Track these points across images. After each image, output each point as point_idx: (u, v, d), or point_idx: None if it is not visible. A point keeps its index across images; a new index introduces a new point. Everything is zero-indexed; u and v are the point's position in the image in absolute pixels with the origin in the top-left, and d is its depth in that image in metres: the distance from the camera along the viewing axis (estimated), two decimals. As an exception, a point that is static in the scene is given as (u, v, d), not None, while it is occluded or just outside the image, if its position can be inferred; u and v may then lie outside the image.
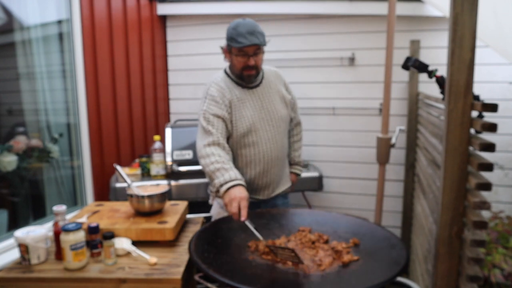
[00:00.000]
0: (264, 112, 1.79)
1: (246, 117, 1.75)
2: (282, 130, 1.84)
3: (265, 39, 1.68)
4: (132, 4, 2.81)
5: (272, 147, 1.79)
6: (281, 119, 1.83)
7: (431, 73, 1.81)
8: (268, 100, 1.81)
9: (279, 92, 1.86)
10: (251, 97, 1.78)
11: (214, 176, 1.56)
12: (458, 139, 1.03)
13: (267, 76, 1.86)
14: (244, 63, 1.69)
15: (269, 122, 1.79)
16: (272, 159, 1.80)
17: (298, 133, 2.11)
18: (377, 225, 1.60)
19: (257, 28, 1.66)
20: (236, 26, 1.66)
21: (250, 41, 1.62)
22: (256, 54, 1.69)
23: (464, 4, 0.98)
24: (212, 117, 1.69)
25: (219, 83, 1.78)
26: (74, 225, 1.33)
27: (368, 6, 2.82)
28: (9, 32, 2.08)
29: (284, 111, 1.85)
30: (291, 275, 1.21)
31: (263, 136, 1.77)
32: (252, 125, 1.75)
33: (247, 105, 1.76)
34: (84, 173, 2.40)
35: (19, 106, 2.18)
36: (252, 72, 1.72)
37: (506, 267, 2.02)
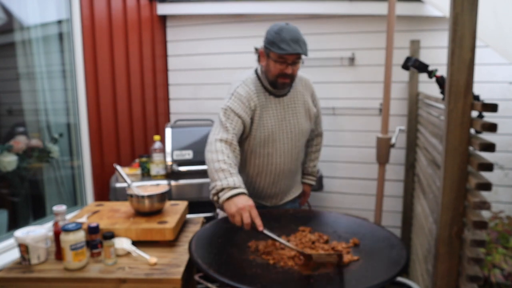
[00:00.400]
0: (286, 123, 1.71)
1: (266, 126, 1.67)
2: (301, 144, 1.78)
3: (307, 49, 1.60)
4: (132, 4, 2.81)
5: (285, 160, 1.73)
6: (302, 133, 1.76)
7: (431, 73, 1.81)
8: (292, 111, 1.73)
9: (305, 104, 1.77)
10: (275, 106, 1.70)
11: (216, 175, 1.44)
12: (458, 139, 1.03)
13: (295, 85, 1.77)
14: (281, 71, 1.60)
15: (288, 135, 1.72)
16: (284, 172, 1.76)
17: (318, 143, 2.03)
18: (377, 225, 1.60)
19: (301, 36, 1.59)
20: (280, 30, 1.57)
21: (294, 49, 1.54)
22: (295, 63, 1.60)
23: (464, 4, 0.98)
24: (233, 114, 1.60)
25: (249, 84, 1.69)
26: (74, 225, 1.33)
27: (368, 6, 2.82)
28: (9, 32, 2.08)
29: (306, 125, 1.78)
30: (291, 275, 1.21)
31: (279, 148, 1.71)
32: (270, 136, 1.68)
33: (269, 114, 1.68)
34: (84, 173, 2.40)
35: (19, 106, 2.18)
36: (287, 81, 1.64)
37: (506, 267, 2.02)
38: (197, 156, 2.50)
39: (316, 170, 2.06)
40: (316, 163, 2.05)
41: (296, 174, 1.88)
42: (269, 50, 1.60)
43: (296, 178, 1.90)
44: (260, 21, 3.12)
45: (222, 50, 3.22)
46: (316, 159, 2.05)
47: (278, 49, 1.55)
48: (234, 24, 3.17)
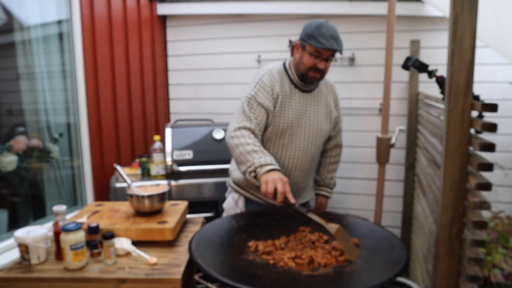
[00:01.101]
0: (306, 119, 1.73)
1: (286, 116, 1.70)
2: (317, 143, 1.78)
3: (343, 48, 1.65)
4: (132, 4, 2.81)
5: (300, 156, 1.74)
6: (320, 133, 1.77)
7: (431, 73, 1.81)
8: (314, 109, 1.75)
9: (328, 105, 1.80)
10: (299, 100, 1.73)
11: (250, 156, 1.50)
12: (458, 139, 1.03)
13: (321, 87, 1.81)
14: (315, 64, 1.64)
15: (306, 131, 1.73)
16: (296, 168, 1.75)
17: (337, 155, 2.00)
18: (377, 225, 1.60)
19: (338, 35, 1.64)
20: (320, 26, 1.61)
21: (331, 45, 1.59)
22: (329, 59, 1.65)
23: (464, 4, 0.98)
24: (256, 104, 1.64)
25: (274, 74, 1.72)
26: (74, 225, 1.33)
27: (368, 6, 2.82)
28: (9, 32, 2.08)
29: (326, 126, 1.79)
30: (291, 275, 1.21)
31: (296, 142, 1.73)
32: (289, 127, 1.70)
33: (292, 106, 1.71)
34: (84, 173, 2.40)
35: (19, 106, 2.18)
36: (318, 75, 1.67)
37: (506, 267, 2.02)
38: (197, 156, 2.50)
39: (333, 182, 2.03)
40: (334, 175, 2.02)
41: (309, 177, 1.86)
42: (306, 42, 1.63)
43: (308, 181, 1.88)
44: (260, 21, 3.12)
45: (222, 50, 3.22)
46: (334, 171, 2.01)
47: (316, 42, 1.60)
48: (234, 24, 3.17)
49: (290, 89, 1.72)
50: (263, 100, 1.64)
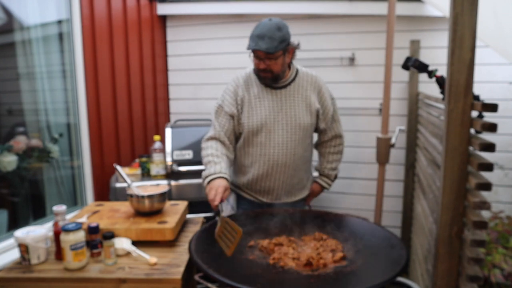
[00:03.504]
0: (282, 115, 1.73)
1: (259, 115, 1.72)
2: (298, 138, 1.77)
3: (278, 46, 1.59)
4: (132, 4, 2.81)
5: (280, 152, 1.74)
6: (299, 127, 1.76)
7: (431, 73, 1.81)
8: (290, 104, 1.75)
9: (307, 98, 1.78)
10: (272, 97, 1.74)
11: (205, 168, 1.65)
12: (458, 139, 1.03)
13: (299, 80, 1.79)
14: (257, 65, 1.66)
15: (284, 127, 1.74)
16: (279, 165, 1.75)
17: (336, 145, 1.97)
18: (377, 225, 1.60)
19: (271, 32, 1.58)
20: (256, 26, 1.63)
21: (256, 45, 1.59)
22: (269, 58, 1.62)
23: (464, 4, 0.98)
24: (223, 113, 1.75)
25: (239, 79, 1.79)
26: (74, 225, 1.33)
27: (368, 6, 2.82)
28: (9, 32, 2.08)
29: (306, 119, 1.77)
30: (291, 275, 1.21)
31: (274, 139, 1.73)
32: (264, 125, 1.72)
33: (264, 104, 1.73)
34: (84, 173, 2.40)
35: (19, 106, 2.18)
36: (267, 75, 1.67)
37: (506, 267, 2.02)
38: (197, 156, 2.49)
39: (334, 174, 2.00)
40: (335, 166, 1.99)
41: (297, 174, 1.84)
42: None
43: (299, 178, 1.87)
44: (260, 21, 3.11)
45: (222, 50, 3.22)
46: (335, 162, 1.99)
47: (248, 45, 1.63)
48: (234, 24, 3.17)
49: (259, 89, 1.74)
50: (228, 107, 1.74)
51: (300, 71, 1.81)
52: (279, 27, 1.60)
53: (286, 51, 1.66)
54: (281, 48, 1.61)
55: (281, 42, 1.60)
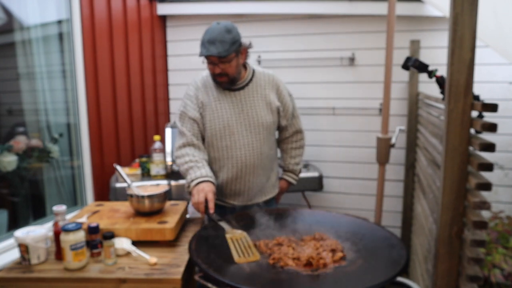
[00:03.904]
0: (244, 116, 1.74)
1: (221, 118, 1.72)
2: (263, 138, 1.78)
3: (229, 49, 1.59)
4: (132, 4, 2.81)
5: (247, 153, 1.75)
6: (262, 126, 1.77)
7: (431, 73, 1.81)
8: (250, 104, 1.75)
9: (266, 97, 1.78)
10: (232, 100, 1.74)
11: (187, 173, 1.65)
12: (458, 139, 1.03)
13: (256, 80, 1.79)
14: (212, 70, 1.67)
15: (247, 127, 1.74)
16: (247, 166, 1.76)
17: (298, 140, 2.00)
18: (377, 225, 1.60)
19: (221, 35, 1.58)
20: (205, 32, 1.62)
21: (207, 51, 1.58)
22: (223, 62, 1.62)
23: (464, 4, 0.98)
24: (187, 118, 1.74)
25: (198, 82, 1.78)
26: (74, 225, 1.33)
27: (368, 6, 2.82)
28: (9, 32, 2.08)
29: (268, 118, 1.78)
30: (291, 275, 1.21)
31: (238, 141, 1.74)
32: (227, 128, 1.72)
33: (224, 107, 1.73)
34: (84, 173, 2.40)
35: (19, 106, 2.18)
36: (223, 79, 1.68)
37: (506, 267, 2.02)
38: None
39: (299, 168, 2.02)
40: (298, 160, 2.00)
41: (266, 174, 1.85)
42: None
43: (268, 177, 1.87)
44: (260, 21, 3.12)
45: (222, 50, 3.21)
46: (298, 157, 2.00)
47: (200, 52, 1.63)
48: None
49: (218, 92, 1.74)
50: (191, 113, 1.74)
51: (257, 71, 1.82)
52: (228, 30, 1.60)
53: (239, 52, 1.66)
54: (233, 50, 1.61)
55: (232, 44, 1.60)
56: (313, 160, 3.13)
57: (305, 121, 3.14)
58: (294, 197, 3.11)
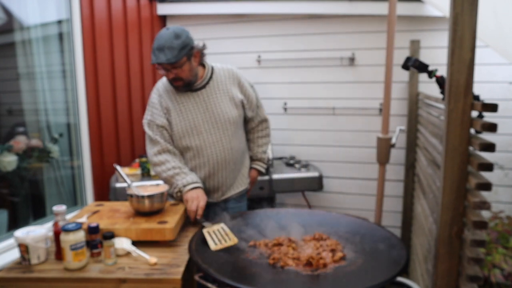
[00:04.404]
0: (209, 114, 1.75)
1: (187, 120, 1.74)
2: (231, 133, 1.79)
3: (179, 54, 1.59)
4: (132, 4, 2.81)
5: (218, 150, 1.76)
6: (229, 121, 1.77)
7: (431, 73, 1.81)
8: (214, 102, 1.76)
9: (229, 92, 1.79)
10: (195, 100, 1.75)
11: (174, 180, 1.69)
12: (458, 139, 1.03)
13: (216, 77, 1.80)
14: (166, 76, 1.68)
15: (214, 125, 1.75)
16: (219, 162, 1.78)
17: (264, 129, 2.01)
18: (377, 225, 1.60)
19: (169, 42, 1.58)
20: (155, 39, 1.62)
21: (157, 59, 1.59)
22: (174, 67, 1.62)
23: (464, 4, 0.98)
24: (155, 126, 1.75)
25: (159, 88, 1.80)
26: (74, 225, 1.33)
27: (368, 6, 2.82)
28: (9, 32, 2.08)
29: (233, 113, 1.79)
30: (291, 275, 1.21)
31: (208, 140, 1.75)
32: (194, 129, 1.74)
33: (189, 108, 1.74)
34: (84, 173, 2.40)
35: (19, 106, 2.18)
36: (179, 83, 1.69)
37: (506, 267, 2.02)
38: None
39: (266, 157, 2.03)
40: (265, 149, 2.02)
41: (237, 167, 1.87)
42: None
43: (240, 171, 1.90)
44: (260, 21, 3.12)
45: (223, 50, 3.22)
46: (264, 145, 2.02)
47: (151, 59, 1.63)
48: (234, 24, 3.17)
49: (181, 94, 1.76)
50: (158, 120, 1.75)
51: (216, 68, 1.83)
52: (176, 35, 1.60)
53: (191, 56, 1.66)
54: (183, 55, 1.60)
55: (182, 49, 1.60)
56: (313, 160, 3.13)
57: (305, 121, 3.16)
58: (294, 197, 3.11)
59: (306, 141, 3.18)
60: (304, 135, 3.17)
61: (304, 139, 3.18)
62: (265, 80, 3.18)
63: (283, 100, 3.18)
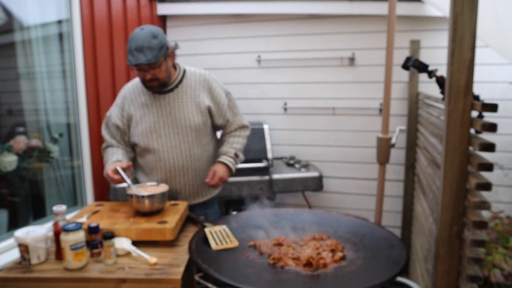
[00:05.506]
0: (171, 119, 1.74)
1: (148, 122, 1.74)
2: (192, 139, 1.77)
3: (158, 54, 1.58)
4: (132, 4, 2.81)
5: (175, 156, 1.76)
6: (190, 128, 1.75)
7: (431, 73, 1.81)
8: (178, 106, 1.75)
9: (196, 98, 1.77)
10: (160, 103, 1.75)
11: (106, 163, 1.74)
12: (458, 139, 1.03)
13: (186, 81, 1.78)
14: (142, 77, 1.66)
15: (175, 130, 1.75)
16: (176, 168, 1.77)
17: (241, 134, 1.90)
18: (377, 225, 1.60)
19: (148, 42, 1.57)
20: (130, 39, 1.59)
21: (136, 59, 1.57)
22: (153, 68, 1.61)
23: (464, 4, 0.98)
24: (110, 123, 1.81)
25: (128, 89, 1.82)
26: (74, 225, 1.33)
27: (368, 6, 2.82)
28: (9, 32, 2.08)
29: (196, 119, 1.76)
30: (291, 275, 1.21)
31: (166, 144, 1.75)
32: (154, 132, 1.74)
33: (152, 111, 1.74)
34: (84, 173, 2.40)
35: (19, 106, 2.18)
36: (154, 83, 1.68)
37: (506, 267, 2.02)
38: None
39: (233, 151, 1.84)
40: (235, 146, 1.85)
41: (200, 175, 1.81)
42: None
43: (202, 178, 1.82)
44: (260, 21, 3.12)
45: (223, 50, 3.22)
46: (235, 143, 1.86)
47: (127, 60, 1.62)
48: (234, 24, 3.17)
49: (147, 97, 1.76)
50: (114, 119, 1.79)
51: (188, 72, 1.81)
52: (154, 35, 1.59)
53: (167, 56, 1.66)
54: (162, 55, 1.61)
55: (160, 49, 1.60)
56: (313, 160, 3.13)
57: (305, 121, 3.16)
58: (294, 197, 3.11)
59: (306, 141, 3.18)
60: (304, 135, 3.17)
61: (304, 139, 3.18)
62: (265, 80, 3.18)
63: (283, 100, 3.18)
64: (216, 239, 1.42)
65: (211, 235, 1.44)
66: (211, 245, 1.38)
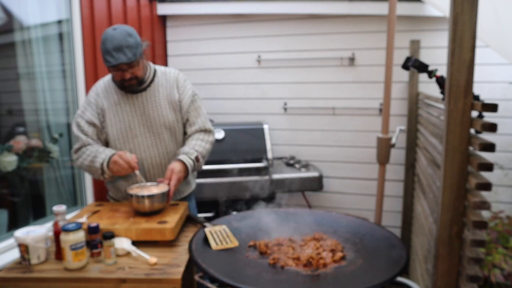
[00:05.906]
0: (146, 118, 1.74)
1: (122, 122, 1.73)
2: (167, 137, 1.78)
3: (136, 52, 1.59)
4: (132, 4, 2.81)
5: (152, 154, 1.76)
6: (165, 126, 1.76)
7: (431, 73, 1.82)
8: (152, 105, 1.75)
9: (168, 96, 1.78)
10: (133, 102, 1.74)
11: (93, 164, 1.65)
12: (458, 139, 1.03)
13: (158, 80, 1.79)
14: (121, 77, 1.64)
15: (150, 129, 1.75)
16: (154, 167, 1.78)
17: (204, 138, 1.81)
18: (377, 225, 1.60)
19: (125, 41, 1.56)
20: (105, 40, 1.57)
21: (117, 59, 1.55)
22: (132, 67, 1.61)
23: (464, 4, 0.98)
24: (83, 122, 1.73)
25: (98, 88, 1.78)
26: (74, 225, 1.33)
27: (368, 6, 2.82)
28: (9, 32, 2.08)
29: (170, 117, 1.77)
30: (291, 275, 1.21)
31: (142, 143, 1.75)
32: (129, 131, 1.73)
33: (126, 110, 1.74)
34: (84, 173, 2.40)
35: (19, 106, 2.18)
36: (133, 82, 1.67)
37: (506, 267, 2.02)
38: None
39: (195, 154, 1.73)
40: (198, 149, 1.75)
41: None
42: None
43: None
44: (260, 21, 3.12)
45: (222, 50, 3.22)
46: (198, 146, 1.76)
47: (105, 61, 1.59)
48: (234, 24, 3.17)
49: (119, 96, 1.74)
50: (89, 117, 1.73)
51: (159, 71, 1.81)
52: (129, 34, 1.59)
53: (143, 53, 1.67)
54: (140, 52, 1.62)
55: (137, 47, 1.61)
56: (313, 160, 3.13)
57: (305, 121, 3.16)
58: (294, 197, 3.11)
59: (306, 141, 3.18)
60: (304, 135, 3.18)
61: (304, 139, 3.18)
62: (265, 80, 3.18)
63: (283, 100, 3.18)
64: (216, 239, 1.42)
65: (211, 235, 1.44)
66: (211, 245, 1.38)
